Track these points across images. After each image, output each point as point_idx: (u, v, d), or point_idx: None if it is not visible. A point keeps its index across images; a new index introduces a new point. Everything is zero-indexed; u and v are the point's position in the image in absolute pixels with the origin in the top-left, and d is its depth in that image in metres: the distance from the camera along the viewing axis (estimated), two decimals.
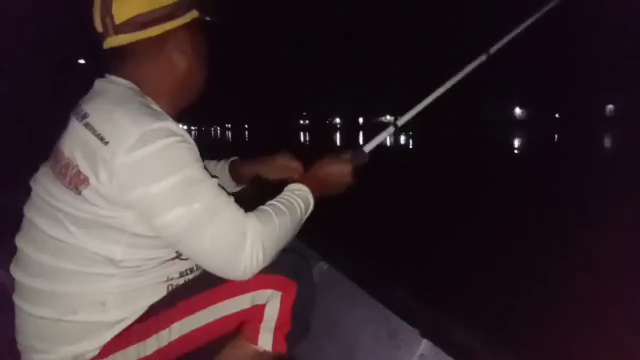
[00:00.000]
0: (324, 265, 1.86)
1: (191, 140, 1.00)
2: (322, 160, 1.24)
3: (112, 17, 1.01)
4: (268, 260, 1.01)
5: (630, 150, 20.34)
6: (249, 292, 1.06)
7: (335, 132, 75.63)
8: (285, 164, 1.38)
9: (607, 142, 27.11)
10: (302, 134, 68.54)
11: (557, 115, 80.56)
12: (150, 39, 1.04)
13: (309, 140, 43.51)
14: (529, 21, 1.43)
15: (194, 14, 1.11)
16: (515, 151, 21.96)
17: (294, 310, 1.09)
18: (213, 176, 1.02)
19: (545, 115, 78.52)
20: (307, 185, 1.17)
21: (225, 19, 1.23)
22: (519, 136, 35.66)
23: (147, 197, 0.92)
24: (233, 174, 1.44)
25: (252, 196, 1.37)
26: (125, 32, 1.02)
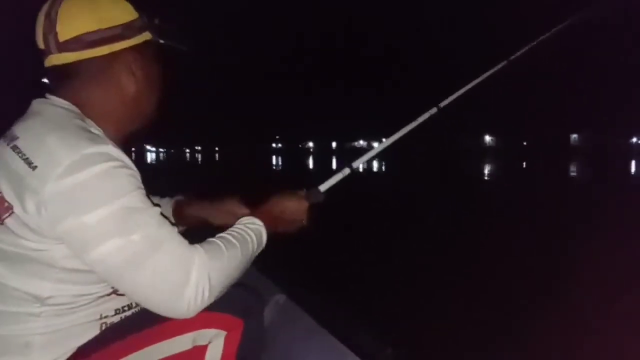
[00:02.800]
0: (281, 298, 1.78)
1: (132, 166, 0.93)
2: (278, 196, 1.21)
3: (55, 34, 0.96)
4: (215, 297, 0.93)
5: (594, 176, 21.38)
6: (190, 331, 0.98)
7: (309, 156, 75.90)
8: (235, 210, 1.32)
9: (573, 169, 28.21)
10: (274, 157, 68.51)
11: (524, 143, 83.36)
12: (96, 58, 0.99)
13: (282, 164, 43.47)
14: (479, 79, 1.54)
15: (146, 36, 1.06)
16: (486, 178, 22.47)
17: (240, 352, 1.01)
18: (156, 204, 0.95)
19: (514, 143, 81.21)
20: (261, 219, 1.11)
21: (188, 44, 1.18)
22: (489, 163, 36.61)
23: (79, 228, 0.84)
24: (176, 214, 1.37)
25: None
26: (69, 50, 0.96)
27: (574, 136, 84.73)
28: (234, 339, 1.01)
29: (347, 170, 1.37)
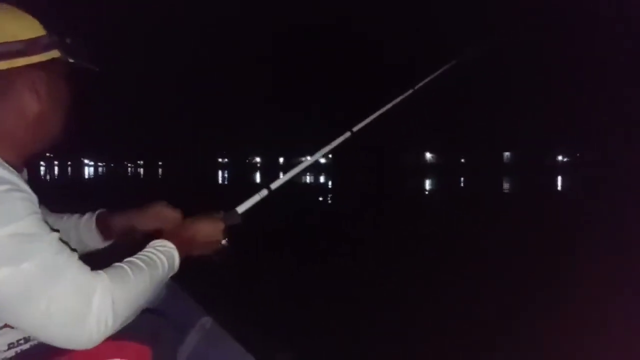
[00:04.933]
0: (207, 322, 1.73)
1: (27, 188, 0.88)
2: (192, 218, 1.20)
3: None
4: (119, 324, 0.89)
5: (526, 192, 22.82)
6: None
7: (256, 171, 75.19)
8: (163, 212, 1.29)
9: (505, 185, 29.87)
10: (220, 172, 67.32)
11: (462, 160, 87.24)
12: None
13: (228, 179, 42.78)
14: (389, 105, 1.65)
15: (54, 53, 1.02)
16: (426, 193, 23.27)
17: None
18: (54, 230, 0.90)
19: (452, 160, 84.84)
20: (173, 241, 1.08)
21: (99, 64, 1.14)
22: (428, 179, 37.97)
23: None
24: (101, 228, 1.32)
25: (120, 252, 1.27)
26: None
27: (506, 154, 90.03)
28: None
29: (264, 192, 1.38)
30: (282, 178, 1.43)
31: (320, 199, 17.89)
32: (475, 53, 1.94)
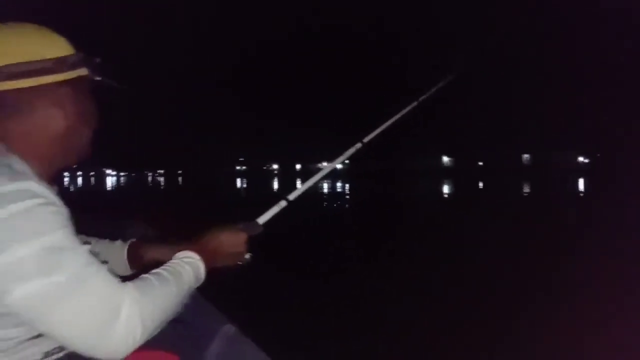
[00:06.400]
0: (230, 329, 1.76)
1: (59, 203, 0.90)
2: (215, 230, 1.22)
3: None
4: (148, 337, 0.91)
5: (547, 194, 22.44)
6: None
7: (273, 178, 75.58)
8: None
9: (525, 187, 29.39)
10: (238, 180, 67.80)
11: (480, 163, 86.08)
12: (20, 90, 0.96)
13: (246, 187, 43.05)
14: (396, 117, 1.69)
15: (81, 71, 1.05)
16: (445, 196, 23.04)
17: None
18: (86, 242, 0.93)
19: (469, 163, 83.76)
20: (198, 253, 1.10)
21: (126, 82, 1.19)
22: (446, 183, 37.59)
23: None
24: (131, 256, 1.36)
25: None
26: None
27: (525, 156, 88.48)
28: None
29: (283, 203, 1.41)
30: (299, 189, 1.47)
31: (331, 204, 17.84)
32: (477, 63, 1.97)
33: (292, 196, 1.43)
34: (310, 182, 1.51)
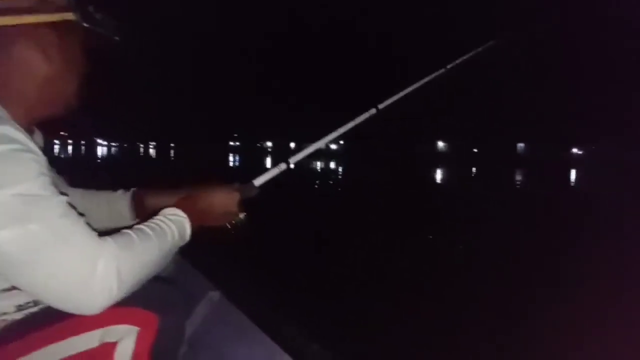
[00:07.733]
0: (215, 295, 1.73)
1: (36, 149, 0.85)
2: (208, 188, 1.16)
3: None
4: (125, 292, 0.87)
5: (540, 182, 22.63)
6: (97, 328, 0.92)
7: (267, 155, 75.43)
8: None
9: (518, 175, 29.60)
10: (231, 155, 67.62)
11: (475, 150, 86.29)
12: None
13: (239, 162, 42.95)
14: (417, 84, 1.58)
15: (67, 15, 0.98)
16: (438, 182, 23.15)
17: (154, 349, 0.96)
18: (63, 193, 0.88)
19: (464, 149, 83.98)
20: (186, 211, 1.05)
21: (119, 34, 1.11)
22: (441, 169, 37.72)
23: None
24: (134, 205, 1.32)
25: None
26: None
27: (520, 145, 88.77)
28: (147, 336, 0.96)
29: (283, 165, 1.34)
30: (302, 152, 1.38)
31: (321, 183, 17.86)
32: (515, 36, 1.85)
33: (293, 160, 1.36)
34: (314, 146, 1.42)
